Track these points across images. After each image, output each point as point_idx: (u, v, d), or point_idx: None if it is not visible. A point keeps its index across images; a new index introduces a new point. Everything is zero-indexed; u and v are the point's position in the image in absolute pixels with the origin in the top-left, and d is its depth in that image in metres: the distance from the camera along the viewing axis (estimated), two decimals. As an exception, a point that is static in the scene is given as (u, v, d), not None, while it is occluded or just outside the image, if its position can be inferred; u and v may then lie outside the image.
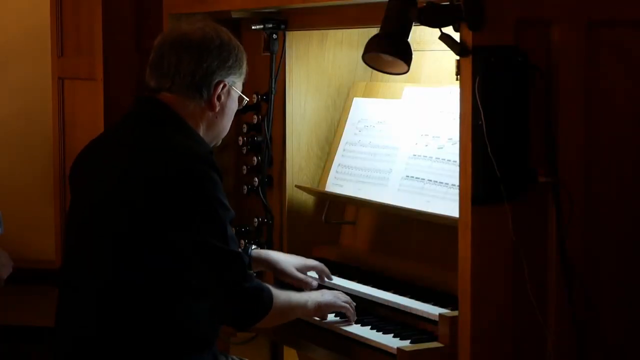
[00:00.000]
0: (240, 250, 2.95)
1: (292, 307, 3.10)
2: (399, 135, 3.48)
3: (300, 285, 3.34)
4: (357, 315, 3.16)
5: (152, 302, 2.86)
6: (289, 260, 3.37)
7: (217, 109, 3.06)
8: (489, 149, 2.70)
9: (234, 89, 3.10)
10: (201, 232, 2.86)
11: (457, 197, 2.77)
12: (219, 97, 3.05)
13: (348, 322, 3.14)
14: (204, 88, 3.02)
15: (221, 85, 3.05)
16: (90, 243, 2.94)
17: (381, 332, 3.04)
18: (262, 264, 3.37)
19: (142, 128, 3.01)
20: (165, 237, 2.84)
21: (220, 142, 3.18)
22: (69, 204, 3.10)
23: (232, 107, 3.12)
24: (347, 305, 3.16)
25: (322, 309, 3.15)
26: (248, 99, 3.22)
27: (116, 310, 2.86)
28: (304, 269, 3.36)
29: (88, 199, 3.01)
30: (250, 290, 2.95)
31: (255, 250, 3.40)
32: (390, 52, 2.89)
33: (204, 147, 3.01)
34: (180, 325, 2.89)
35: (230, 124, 3.16)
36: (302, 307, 3.12)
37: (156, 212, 2.84)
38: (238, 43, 3.12)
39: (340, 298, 3.18)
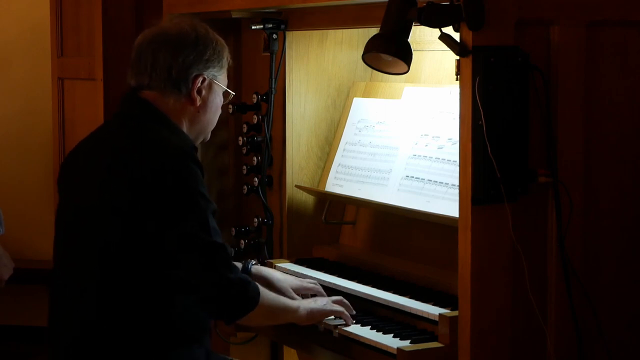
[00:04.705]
0: (224, 242, 2.93)
1: (281, 308, 3.07)
2: (399, 135, 3.48)
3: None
4: (357, 316, 3.15)
5: (141, 298, 2.87)
6: (286, 280, 3.31)
7: (199, 104, 3.04)
8: (489, 149, 2.70)
9: (216, 83, 3.08)
10: (183, 225, 2.85)
11: (457, 197, 2.77)
12: (199, 91, 3.03)
13: (346, 325, 3.12)
14: (182, 83, 3.01)
15: (200, 79, 3.03)
16: (78, 243, 2.95)
17: (381, 332, 3.03)
18: (260, 280, 3.29)
19: (124, 126, 3.01)
20: (149, 232, 2.84)
21: (209, 136, 3.16)
22: (57, 206, 3.09)
23: (216, 101, 3.10)
24: (341, 309, 3.13)
25: (315, 315, 3.12)
26: (234, 93, 3.19)
27: (105, 307, 2.87)
28: (300, 290, 3.30)
29: (74, 200, 3.01)
30: (235, 281, 2.92)
31: (255, 267, 3.37)
32: (390, 52, 2.89)
33: (185, 141, 3.00)
34: (169, 321, 2.90)
35: (216, 118, 3.13)
36: (293, 311, 3.09)
37: (139, 208, 2.84)
38: (217, 37, 3.09)
39: (332, 303, 3.16)
